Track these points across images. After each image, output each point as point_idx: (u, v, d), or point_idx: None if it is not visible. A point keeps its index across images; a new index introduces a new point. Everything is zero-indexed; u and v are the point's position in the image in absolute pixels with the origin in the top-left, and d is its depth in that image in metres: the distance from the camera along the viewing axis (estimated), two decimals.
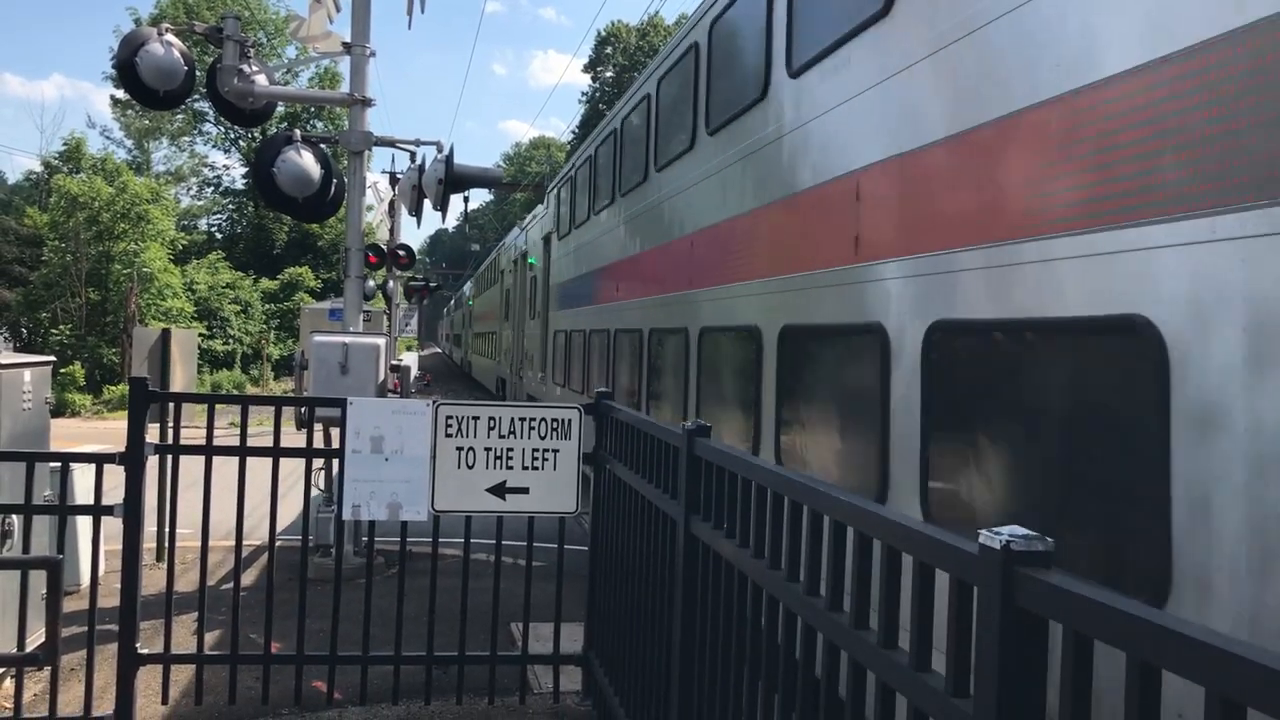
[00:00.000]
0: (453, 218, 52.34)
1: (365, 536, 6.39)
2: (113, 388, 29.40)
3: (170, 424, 5.52)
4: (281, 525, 5.71)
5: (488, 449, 5.32)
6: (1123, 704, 1.47)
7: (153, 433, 5.33)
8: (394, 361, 10.37)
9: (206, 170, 52.96)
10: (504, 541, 5.58)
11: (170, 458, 5.36)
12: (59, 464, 6.10)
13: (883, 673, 2.17)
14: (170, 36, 9.32)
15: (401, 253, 15.37)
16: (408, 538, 5.62)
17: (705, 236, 6.97)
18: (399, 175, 15.22)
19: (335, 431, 5.40)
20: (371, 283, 16.86)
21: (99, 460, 5.31)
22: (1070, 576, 1.63)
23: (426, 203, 10.94)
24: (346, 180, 10.19)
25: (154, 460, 5.26)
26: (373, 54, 9.89)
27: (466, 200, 22.15)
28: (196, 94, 16.77)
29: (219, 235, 51.76)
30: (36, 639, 5.00)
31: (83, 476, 7.13)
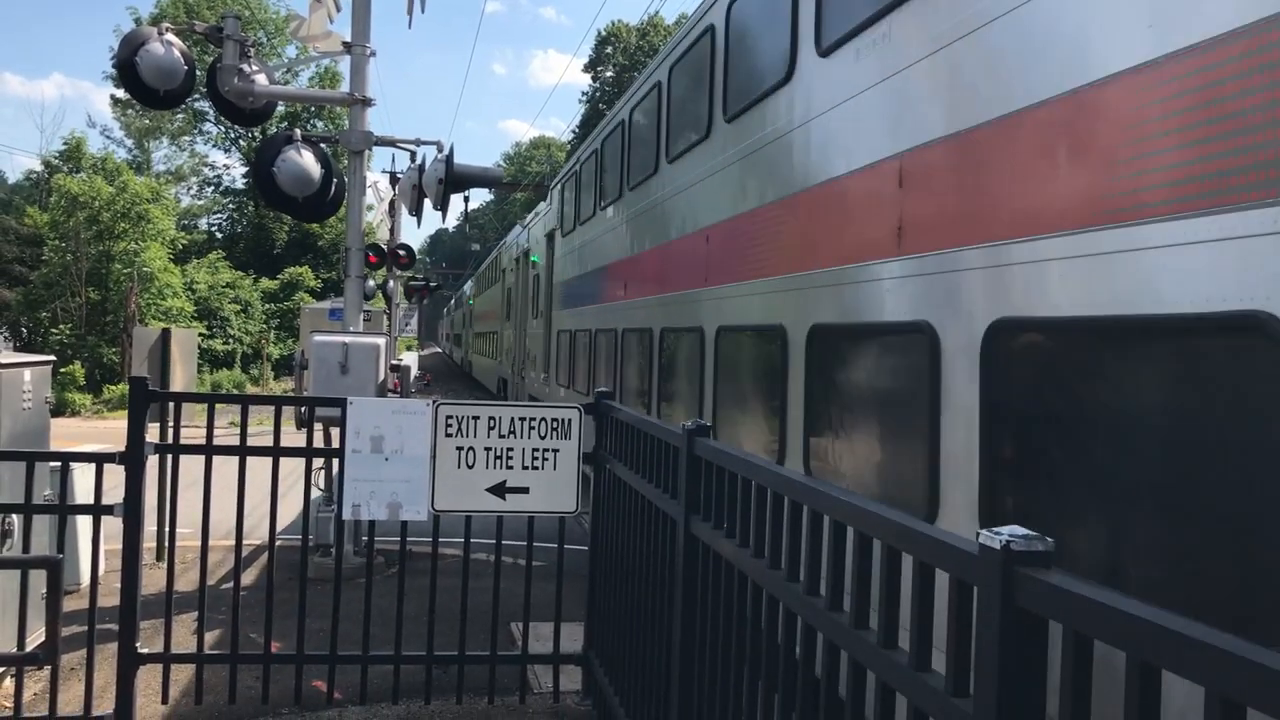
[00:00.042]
0: (453, 217, 52.37)
1: (365, 536, 6.39)
2: (113, 387, 29.40)
3: (170, 423, 5.51)
4: (281, 525, 5.71)
5: (488, 449, 5.32)
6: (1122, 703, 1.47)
7: (153, 432, 5.33)
8: (394, 361, 10.36)
9: (207, 170, 53.11)
10: (504, 541, 5.58)
11: (170, 457, 5.36)
12: (59, 463, 6.11)
13: (883, 672, 2.17)
14: (170, 36, 9.31)
15: (402, 252, 15.36)
16: (408, 537, 5.62)
17: (722, 230, 6.49)
18: (399, 175, 15.21)
19: (335, 431, 5.40)
20: (371, 282, 16.84)
21: (99, 460, 5.31)
22: (1070, 576, 1.63)
23: (427, 202, 10.93)
24: (347, 180, 10.19)
25: (154, 460, 5.27)
26: (373, 53, 9.89)
27: (467, 200, 22.20)
28: (197, 93, 16.74)
29: (219, 235, 51.79)
30: (36, 638, 4.99)
31: (83, 476, 7.13)
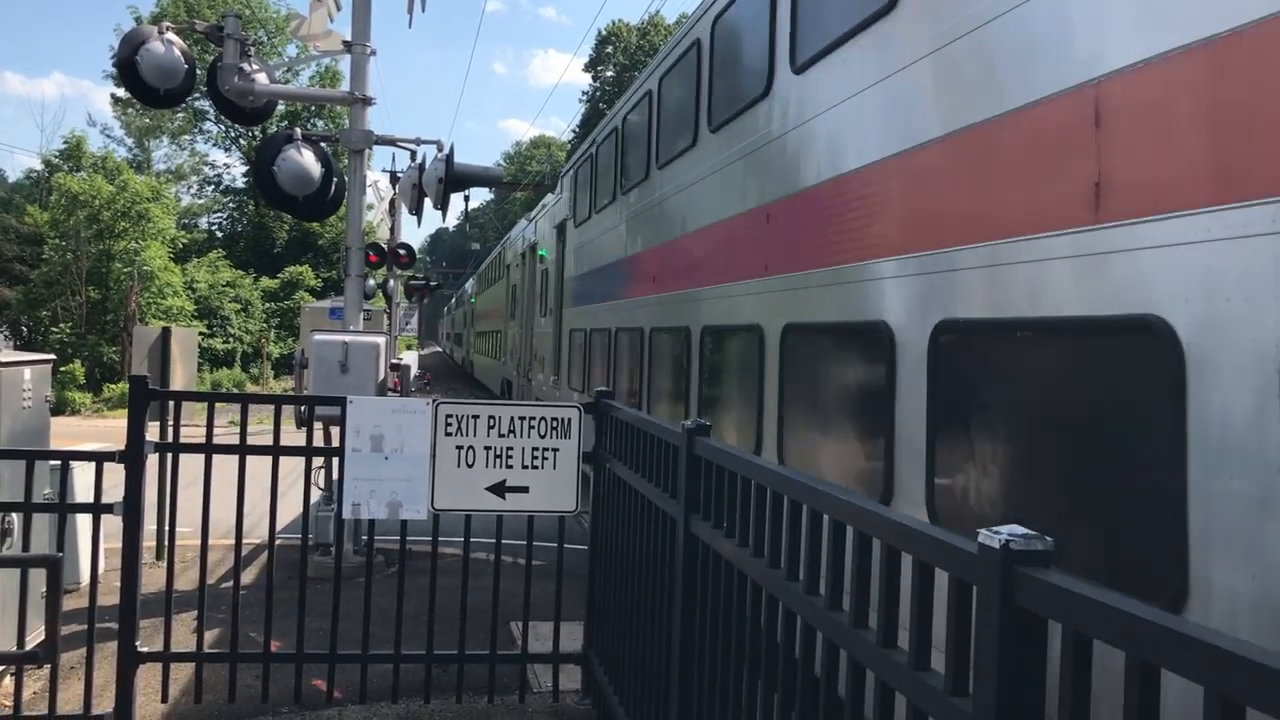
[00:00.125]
0: (453, 217, 52.44)
1: (365, 535, 6.38)
2: (113, 386, 29.39)
3: (170, 422, 5.52)
4: (281, 524, 5.71)
5: (487, 448, 5.31)
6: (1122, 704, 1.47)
7: (153, 431, 5.33)
8: (394, 360, 10.37)
9: (207, 169, 53.07)
10: (504, 540, 5.58)
11: (170, 456, 5.36)
12: (59, 462, 6.11)
13: (882, 672, 2.17)
14: (171, 35, 9.31)
15: (402, 251, 15.36)
16: (407, 536, 5.62)
17: (790, 204, 5.40)
18: (399, 174, 15.22)
19: (335, 430, 5.40)
20: (372, 281, 16.84)
21: (99, 458, 5.31)
22: (1069, 576, 1.62)
23: (427, 202, 10.93)
24: (347, 179, 10.18)
25: (154, 458, 5.26)
26: (373, 52, 9.88)
27: (467, 199, 22.28)
28: (197, 92, 16.75)
29: (219, 234, 51.79)
30: (36, 637, 4.98)
31: (82, 475, 7.13)
